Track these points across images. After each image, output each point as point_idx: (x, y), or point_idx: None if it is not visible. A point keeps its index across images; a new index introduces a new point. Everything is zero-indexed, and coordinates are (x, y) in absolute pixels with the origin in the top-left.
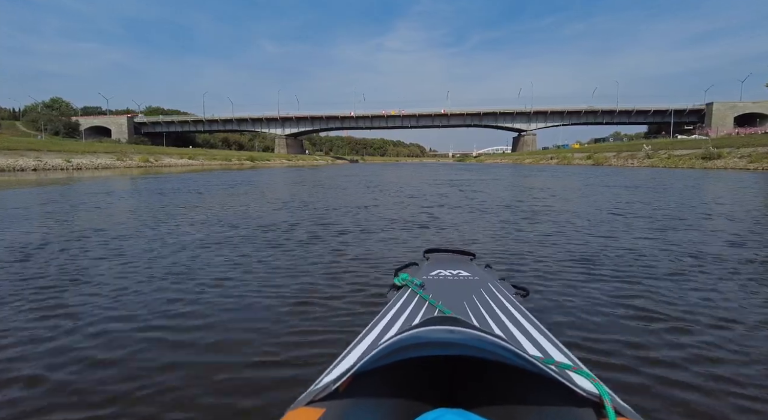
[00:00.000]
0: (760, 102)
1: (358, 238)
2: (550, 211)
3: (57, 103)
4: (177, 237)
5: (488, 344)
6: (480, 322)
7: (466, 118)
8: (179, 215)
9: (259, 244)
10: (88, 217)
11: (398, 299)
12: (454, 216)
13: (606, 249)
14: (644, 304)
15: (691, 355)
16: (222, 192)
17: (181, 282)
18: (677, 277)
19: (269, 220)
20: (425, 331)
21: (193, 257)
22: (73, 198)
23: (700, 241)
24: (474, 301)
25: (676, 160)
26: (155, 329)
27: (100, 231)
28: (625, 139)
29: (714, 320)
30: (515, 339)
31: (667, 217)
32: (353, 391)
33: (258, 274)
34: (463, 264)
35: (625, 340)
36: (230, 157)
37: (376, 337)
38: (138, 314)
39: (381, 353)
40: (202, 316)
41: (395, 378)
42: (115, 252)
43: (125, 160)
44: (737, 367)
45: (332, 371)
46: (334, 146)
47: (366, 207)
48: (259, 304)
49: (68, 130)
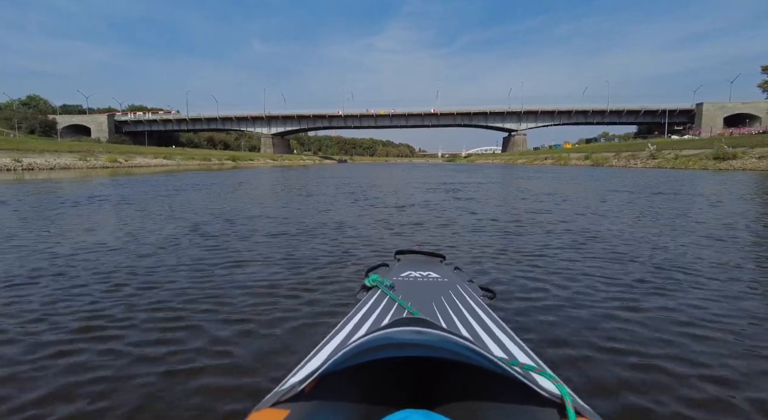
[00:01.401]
0: (750, 102)
1: (323, 299)
2: (608, 236)
3: (34, 101)
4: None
5: (455, 345)
6: (448, 324)
7: (456, 118)
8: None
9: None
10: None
11: (368, 300)
12: (463, 250)
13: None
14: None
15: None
16: (151, 200)
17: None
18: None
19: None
20: (393, 332)
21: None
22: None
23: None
24: (442, 302)
25: (685, 160)
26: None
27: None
28: (617, 140)
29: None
30: (481, 340)
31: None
32: (319, 393)
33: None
34: (433, 266)
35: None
36: (210, 157)
37: (344, 338)
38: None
39: (348, 354)
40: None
41: (362, 379)
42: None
43: (89, 160)
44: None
45: (298, 372)
46: (323, 146)
47: (340, 227)
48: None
49: (44, 129)
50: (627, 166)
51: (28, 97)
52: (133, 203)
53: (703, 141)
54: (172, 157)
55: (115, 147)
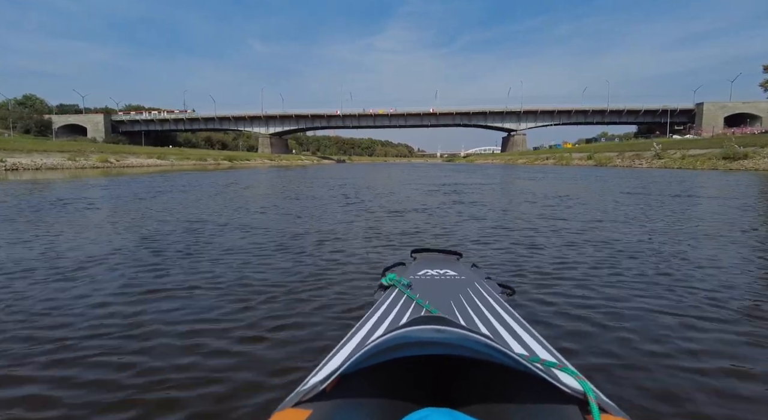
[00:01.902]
0: (751, 102)
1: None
2: (643, 251)
3: (30, 101)
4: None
5: (474, 343)
6: (466, 321)
7: (456, 118)
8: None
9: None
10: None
11: (385, 299)
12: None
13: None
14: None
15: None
16: (123, 205)
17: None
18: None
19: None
20: (412, 330)
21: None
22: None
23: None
24: (461, 300)
25: (693, 160)
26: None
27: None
28: (617, 139)
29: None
30: (501, 337)
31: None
32: (340, 392)
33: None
34: (450, 263)
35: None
36: (206, 157)
37: (363, 337)
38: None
39: (368, 354)
40: None
41: (382, 378)
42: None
43: (78, 160)
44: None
45: (319, 372)
46: (322, 146)
47: (322, 242)
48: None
49: (40, 128)
50: (631, 167)
51: (24, 97)
52: (100, 208)
53: (709, 140)
54: (166, 157)
55: (108, 147)
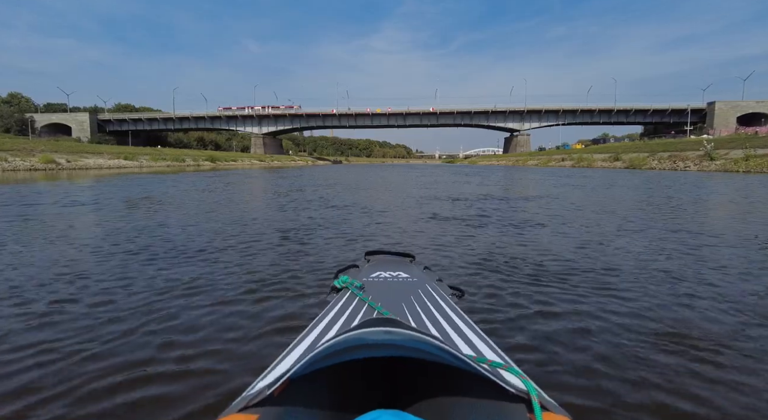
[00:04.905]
0: (765, 101)
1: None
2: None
3: (15, 99)
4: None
5: (424, 344)
6: (417, 323)
7: (456, 117)
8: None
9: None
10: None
11: (338, 301)
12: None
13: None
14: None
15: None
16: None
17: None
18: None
19: None
20: (362, 332)
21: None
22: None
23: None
24: (412, 302)
25: (761, 162)
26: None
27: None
28: (626, 140)
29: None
30: (450, 339)
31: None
32: (289, 396)
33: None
34: (402, 266)
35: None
36: (183, 157)
37: (313, 340)
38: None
39: (317, 356)
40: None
41: (333, 381)
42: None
43: (9, 162)
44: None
45: (267, 376)
46: (318, 146)
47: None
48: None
49: (21, 128)
50: (675, 169)
51: (9, 95)
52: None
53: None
54: (134, 158)
55: (58, 145)
